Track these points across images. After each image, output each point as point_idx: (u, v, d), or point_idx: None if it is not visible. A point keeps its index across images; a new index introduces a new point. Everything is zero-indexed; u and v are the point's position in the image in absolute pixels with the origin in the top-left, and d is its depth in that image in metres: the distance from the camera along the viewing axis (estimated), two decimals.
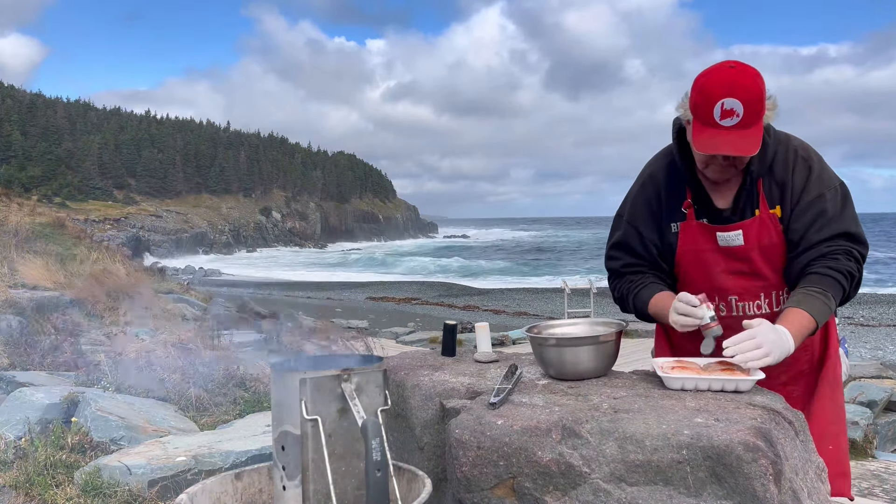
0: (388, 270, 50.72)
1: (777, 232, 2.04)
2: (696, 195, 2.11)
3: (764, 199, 2.05)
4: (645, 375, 2.07)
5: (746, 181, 2.04)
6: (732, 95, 1.85)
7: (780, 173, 2.04)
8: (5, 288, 7.79)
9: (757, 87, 1.88)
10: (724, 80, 1.88)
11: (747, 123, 1.87)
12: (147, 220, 78.12)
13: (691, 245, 2.13)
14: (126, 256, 15.00)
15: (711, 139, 1.89)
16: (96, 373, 4.92)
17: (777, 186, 2.04)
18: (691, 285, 2.15)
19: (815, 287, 1.93)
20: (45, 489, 3.04)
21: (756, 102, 1.87)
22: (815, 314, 1.90)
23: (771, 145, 2.04)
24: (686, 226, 2.13)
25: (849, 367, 2.34)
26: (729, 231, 2.07)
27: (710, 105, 1.87)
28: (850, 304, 23.38)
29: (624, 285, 2.24)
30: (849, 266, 1.96)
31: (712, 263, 2.11)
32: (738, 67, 1.90)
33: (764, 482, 1.50)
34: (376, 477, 1.50)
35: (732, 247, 2.08)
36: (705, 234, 2.10)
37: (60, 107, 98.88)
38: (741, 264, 2.09)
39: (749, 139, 1.88)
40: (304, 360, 1.88)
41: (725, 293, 2.12)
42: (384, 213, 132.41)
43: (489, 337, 2.36)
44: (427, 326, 16.89)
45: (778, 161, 2.05)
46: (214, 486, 1.79)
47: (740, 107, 1.85)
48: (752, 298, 2.10)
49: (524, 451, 1.70)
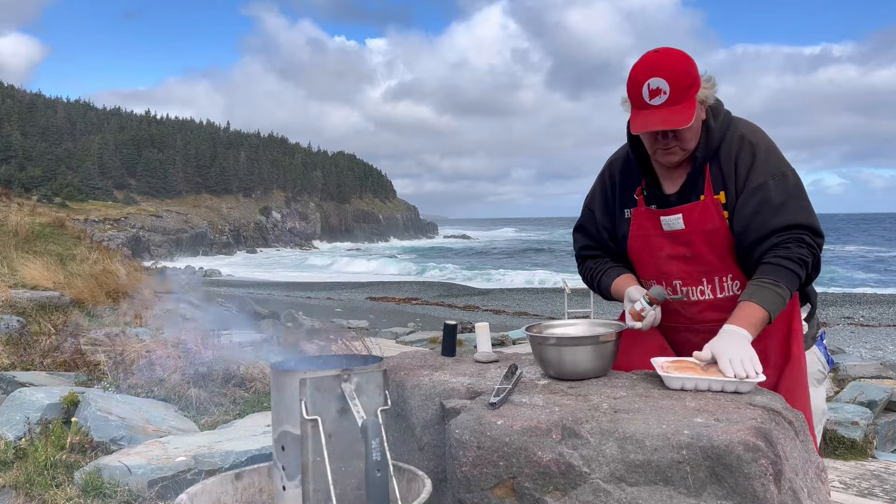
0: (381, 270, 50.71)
1: (720, 217, 2.07)
2: (648, 183, 2.20)
3: (709, 184, 2.09)
4: (645, 375, 2.07)
5: (694, 167, 2.09)
6: (657, 75, 1.95)
7: (725, 158, 2.08)
8: (5, 288, 7.78)
9: (681, 66, 1.96)
10: (648, 62, 1.99)
11: (675, 100, 1.95)
12: (147, 220, 78.04)
13: (640, 230, 2.21)
14: (126, 256, 15.00)
15: (643, 119, 1.99)
16: (96, 373, 4.92)
17: (722, 171, 2.08)
18: (640, 270, 2.26)
19: (767, 278, 1.96)
20: (45, 489, 3.04)
21: (681, 79, 1.95)
22: (767, 305, 1.93)
23: (717, 130, 2.08)
24: (637, 212, 2.22)
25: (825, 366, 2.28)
26: (670, 215, 2.13)
27: (639, 87, 1.98)
28: (850, 304, 23.38)
29: (587, 269, 2.39)
30: (800, 253, 1.98)
31: (658, 248, 2.17)
32: (662, 51, 2.01)
33: (764, 482, 1.50)
34: (376, 477, 1.50)
35: (675, 230, 2.13)
36: (652, 219, 2.17)
37: (60, 107, 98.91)
38: (684, 248, 2.13)
39: (679, 114, 1.95)
40: (304, 360, 1.88)
41: (670, 277, 2.18)
42: (384, 213, 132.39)
43: (489, 337, 2.36)
44: (427, 326, 16.88)
45: (724, 146, 2.08)
46: (214, 486, 1.79)
47: (666, 85, 1.94)
48: (695, 283, 2.14)
49: (524, 451, 1.70)
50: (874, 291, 30.04)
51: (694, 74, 1.98)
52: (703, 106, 2.04)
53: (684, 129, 1.99)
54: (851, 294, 28.61)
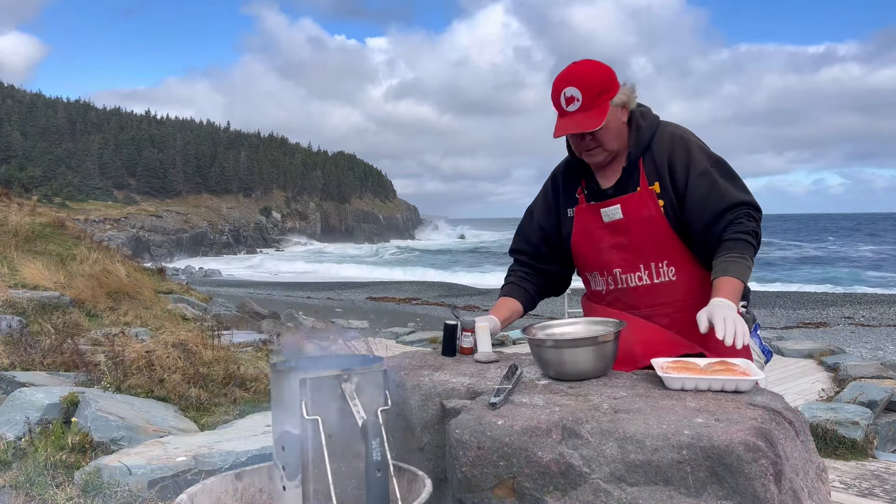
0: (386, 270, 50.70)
1: (655, 206, 2.23)
2: (587, 181, 2.37)
3: (644, 176, 2.26)
4: (645, 375, 2.07)
5: (628, 162, 2.27)
6: (571, 84, 2.16)
7: (658, 153, 2.26)
8: (5, 288, 7.78)
9: (593, 76, 2.17)
10: (565, 73, 2.20)
11: (587, 106, 2.15)
12: (147, 220, 78.03)
13: (583, 224, 2.37)
14: (126, 256, 14.99)
15: (561, 124, 2.19)
16: (96, 373, 4.92)
17: (656, 164, 2.25)
18: (583, 264, 2.43)
19: (734, 253, 2.10)
20: (45, 489, 3.04)
21: (592, 87, 2.15)
22: (741, 276, 2.08)
23: (646, 128, 2.27)
24: (579, 209, 2.39)
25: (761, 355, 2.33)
26: (610, 206, 2.30)
27: (557, 96, 2.19)
28: (850, 304, 23.37)
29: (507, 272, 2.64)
30: (752, 226, 2.14)
31: (599, 239, 2.34)
32: (579, 62, 2.22)
33: (764, 482, 1.50)
34: (376, 477, 1.50)
35: (614, 220, 2.29)
36: (593, 212, 2.34)
37: (60, 107, 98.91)
38: (622, 237, 2.29)
39: (591, 118, 2.15)
40: (304, 360, 1.88)
41: (610, 266, 2.33)
42: (384, 213, 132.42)
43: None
44: (427, 326, 16.87)
45: (655, 142, 2.27)
46: (214, 486, 1.79)
47: (578, 93, 2.15)
48: (633, 270, 2.29)
49: (524, 451, 1.70)
50: (874, 291, 30.04)
51: (606, 83, 2.17)
52: (624, 109, 2.23)
53: (600, 131, 2.18)
54: (852, 294, 28.61)
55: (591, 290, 2.47)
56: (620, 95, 2.20)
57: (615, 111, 2.20)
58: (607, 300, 2.37)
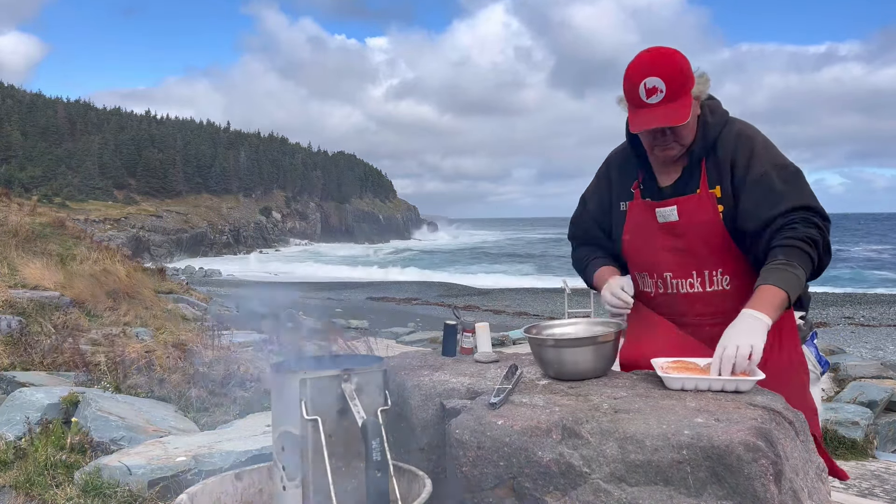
0: None
1: (714, 211, 2.09)
2: (645, 176, 2.23)
3: (705, 178, 2.11)
4: (645, 375, 2.07)
5: (690, 161, 2.12)
6: (652, 74, 1.99)
7: (722, 153, 2.10)
8: (5, 288, 7.77)
9: (675, 63, 2.00)
10: (642, 62, 2.02)
11: (672, 97, 1.98)
12: (147, 220, 77.97)
13: (635, 221, 2.24)
14: (126, 256, 14.98)
15: (642, 117, 2.02)
16: (96, 373, 4.91)
17: (719, 166, 2.10)
18: (633, 261, 2.29)
19: (779, 259, 1.94)
20: (45, 489, 3.04)
21: (677, 76, 1.98)
22: (783, 285, 1.91)
23: (714, 126, 2.11)
24: (633, 204, 2.25)
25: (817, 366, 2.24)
26: (666, 207, 2.16)
27: (635, 87, 2.01)
28: (850, 304, 23.34)
29: (577, 258, 2.47)
30: (808, 232, 1.96)
31: (651, 239, 2.20)
32: (655, 50, 2.04)
33: (764, 482, 1.50)
34: (376, 477, 1.50)
35: (669, 222, 2.16)
36: (647, 211, 2.21)
37: (60, 107, 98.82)
38: (677, 240, 2.15)
39: (677, 111, 1.98)
40: (304, 361, 1.88)
41: (661, 270, 2.20)
42: (384, 213, 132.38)
43: (489, 337, 2.36)
44: (427, 326, 16.87)
45: (721, 141, 2.11)
46: (214, 486, 1.79)
47: (662, 83, 1.98)
48: (685, 276, 2.15)
49: (524, 451, 1.70)
50: (874, 291, 30.03)
51: (687, 72, 2.01)
52: (697, 101, 2.08)
53: (681, 125, 2.02)
54: (852, 294, 28.61)
55: (638, 288, 2.32)
56: (697, 86, 2.04)
57: (693, 104, 2.05)
58: (654, 304, 2.23)
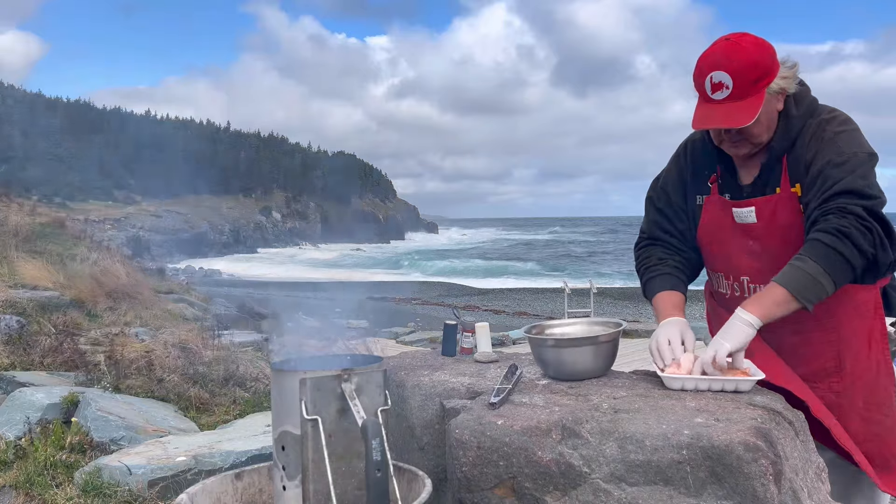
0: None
1: (796, 212, 1.91)
2: (724, 170, 2.06)
3: (787, 176, 1.93)
4: (645, 375, 2.07)
5: (769, 157, 1.95)
6: (720, 68, 1.82)
7: (802, 147, 1.91)
8: (5, 288, 7.77)
9: (748, 59, 1.82)
10: (714, 53, 1.86)
11: (739, 95, 1.82)
12: (147, 220, 77.99)
13: (711, 219, 2.08)
14: (126, 256, 14.99)
15: (703, 114, 1.88)
16: (96, 373, 4.92)
17: (800, 161, 1.91)
18: (709, 261, 2.14)
19: (798, 257, 1.80)
20: (45, 489, 3.04)
21: (747, 72, 1.81)
22: (786, 283, 1.78)
23: (797, 119, 1.93)
24: (709, 199, 2.08)
25: None
26: (743, 207, 1.99)
27: (702, 80, 1.86)
28: None
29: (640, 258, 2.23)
30: (838, 224, 1.74)
31: (728, 240, 2.04)
32: (733, 39, 1.85)
33: (764, 482, 1.50)
34: (376, 477, 1.50)
35: (747, 224, 1.99)
36: (724, 209, 2.04)
37: (60, 107, 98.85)
38: (755, 243, 1.99)
39: (741, 111, 1.82)
40: (304, 360, 1.88)
41: (738, 273, 2.05)
42: (384, 213, 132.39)
43: (489, 337, 2.36)
44: (427, 326, 16.88)
45: (803, 136, 1.92)
46: (214, 486, 1.79)
47: (729, 79, 1.81)
48: (764, 281, 1.92)
49: (524, 451, 1.70)
50: None
51: (765, 65, 1.83)
52: (779, 96, 1.91)
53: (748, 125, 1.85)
54: None
55: (713, 288, 2.19)
56: (779, 80, 1.86)
57: (770, 100, 1.87)
58: (730, 305, 1.99)
